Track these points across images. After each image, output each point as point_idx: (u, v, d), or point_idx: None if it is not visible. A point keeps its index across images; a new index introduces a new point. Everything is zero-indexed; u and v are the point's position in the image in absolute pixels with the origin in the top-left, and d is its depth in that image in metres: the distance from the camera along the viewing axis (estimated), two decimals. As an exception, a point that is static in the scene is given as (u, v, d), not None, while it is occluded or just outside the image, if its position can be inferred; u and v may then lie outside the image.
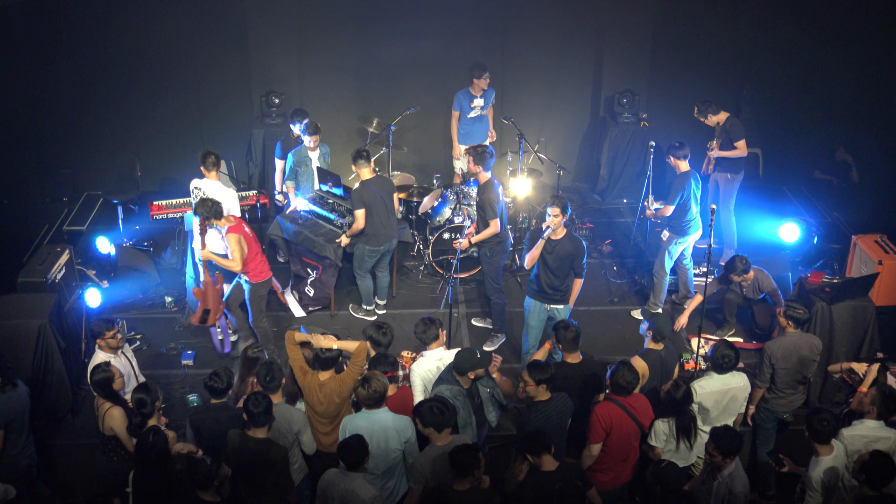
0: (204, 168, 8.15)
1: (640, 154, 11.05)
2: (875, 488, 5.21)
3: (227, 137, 11.08)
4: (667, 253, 8.48)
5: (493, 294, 8.25)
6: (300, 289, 8.87)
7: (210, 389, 5.98)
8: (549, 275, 7.31)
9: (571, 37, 11.12)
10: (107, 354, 6.57)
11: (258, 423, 5.55)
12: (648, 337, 6.56)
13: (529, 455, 5.47)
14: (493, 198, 7.86)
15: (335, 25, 10.90)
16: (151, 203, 9.29)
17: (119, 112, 10.79)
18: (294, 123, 9.24)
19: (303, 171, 9.05)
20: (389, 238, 8.43)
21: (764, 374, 6.72)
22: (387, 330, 6.47)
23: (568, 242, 7.24)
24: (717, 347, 6.39)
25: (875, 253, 8.16)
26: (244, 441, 5.59)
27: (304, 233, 8.67)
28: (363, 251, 8.39)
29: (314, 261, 8.72)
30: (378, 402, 5.71)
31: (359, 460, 5.34)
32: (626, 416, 5.95)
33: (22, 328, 7.22)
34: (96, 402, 6.13)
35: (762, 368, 6.73)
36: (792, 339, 6.68)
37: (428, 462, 5.53)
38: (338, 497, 5.39)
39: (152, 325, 8.64)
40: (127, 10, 10.31)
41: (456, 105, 10.19)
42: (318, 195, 8.95)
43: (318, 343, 6.10)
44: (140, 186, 10.63)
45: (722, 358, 6.31)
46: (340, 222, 8.55)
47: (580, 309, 8.50)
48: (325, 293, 8.75)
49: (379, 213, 8.24)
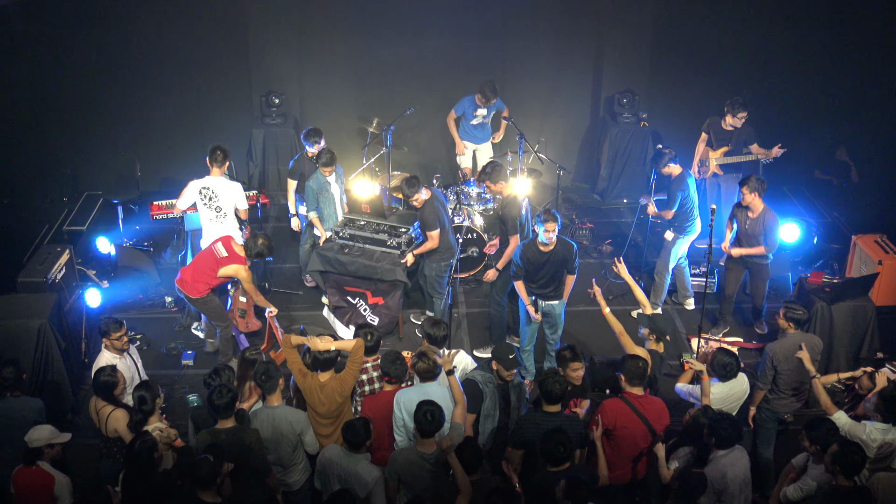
0: (214, 162, 8.04)
1: (640, 154, 11.06)
2: (849, 478, 5.29)
3: (227, 137, 11.00)
4: (671, 252, 8.49)
5: (493, 306, 8.22)
6: (355, 321, 8.28)
7: (207, 387, 6.05)
8: (545, 278, 7.35)
9: (571, 37, 11.12)
10: (112, 355, 6.57)
11: (223, 415, 5.58)
12: (651, 340, 6.53)
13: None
14: (515, 213, 7.81)
15: (335, 25, 10.90)
16: (151, 203, 9.30)
17: (119, 112, 10.80)
18: (308, 145, 8.75)
19: (324, 198, 8.58)
20: (455, 249, 8.28)
21: (766, 376, 6.67)
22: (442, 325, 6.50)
23: (560, 249, 7.26)
24: (715, 357, 6.27)
25: (875, 253, 8.16)
26: (215, 436, 5.58)
27: (359, 262, 8.24)
28: (438, 269, 8.10)
29: (360, 287, 8.36)
30: (433, 375, 5.94)
31: (361, 442, 5.42)
32: (634, 416, 5.84)
33: (22, 328, 7.23)
34: (96, 404, 6.12)
35: (764, 370, 6.67)
36: (793, 340, 6.63)
37: (397, 460, 5.52)
38: (337, 476, 5.45)
39: (152, 325, 8.64)
40: (127, 10, 10.32)
41: (458, 109, 10.20)
42: (349, 219, 8.70)
43: (315, 346, 6.09)
44: (140, 186, 10.64)
45: (723, 368, 6.21)
46: (397, 242, 8.28)
47: (580, 309, 8.51)
48: (393, 317, 8.43)
49: (445, 227, 8.10)
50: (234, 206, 8.13)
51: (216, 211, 8.06)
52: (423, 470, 5.45)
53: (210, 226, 8.11)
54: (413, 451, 5.51)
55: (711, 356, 6.38)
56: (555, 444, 5.35)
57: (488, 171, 7.95)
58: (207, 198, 8.03)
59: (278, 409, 5.88)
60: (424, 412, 5.43)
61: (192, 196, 8.08)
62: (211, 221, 8.09)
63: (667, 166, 8.29)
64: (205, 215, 8.11)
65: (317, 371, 6.08)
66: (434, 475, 5.43)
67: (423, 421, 5.42)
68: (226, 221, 8.11)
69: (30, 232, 9.63)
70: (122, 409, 6.04)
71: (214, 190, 8.03)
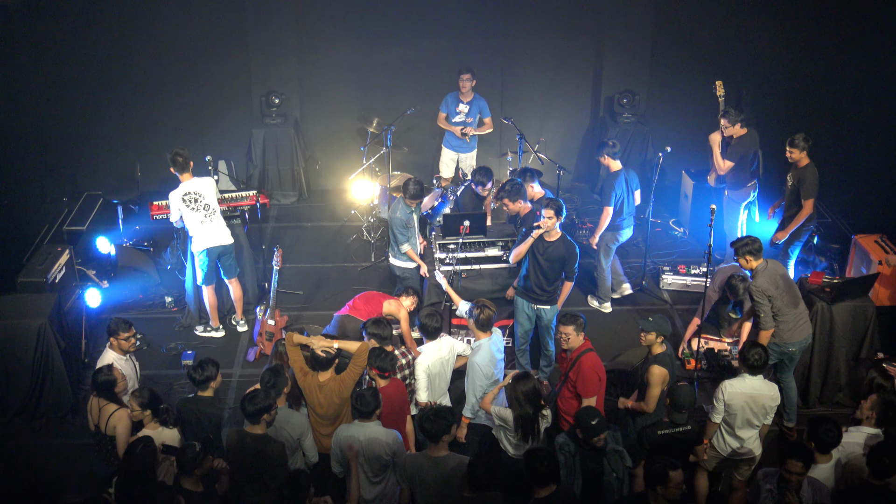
0: (180, 169, 7.93)
1: (640, 154, 11.05)
2: (880, 479, 5.31)
3: (227, 137, 11.10)
4: (602, 251, 8.69)
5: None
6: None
7: (191, 380, 6.09)
8: (539, 276, 7.30)
9: (571, 37, 11.12)
10: (117, 355, 6.56)
11: (252, 420, 5.63)
12: (657, 342, 6.49)
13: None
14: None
15: (335, 25, 10.90)
16: (151, 203, 9.29)
17: (119, 112, 10.80)
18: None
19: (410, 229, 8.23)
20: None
21: (767, 315, 6.82)
22: (437, 317, 6.59)
23: (561, 246, 7.23)
24: (745, 347, 6.20)
25: (875, 253, 8.16)
26: (241, 438, 5.66)
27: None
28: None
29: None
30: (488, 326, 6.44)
31: (372, 410, 5.62)
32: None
33: (22, 328, 7.23)
34: (97, 403, 6.11)
35: (761, 308, 6.82)
36: (767, 267, 6.87)
37: (413, 466, 5.56)
38: (364, 445, 5.60)
39: (152, 325, 8.63)
40: (127, 10, 10.32)
41: (443, 107, 10.23)
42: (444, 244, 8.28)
43: (315, 346, 6.08)
44: (140, 186, 10.63)
45: (753, 356, 6.09)
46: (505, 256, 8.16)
47: (580, 309, 8.50)
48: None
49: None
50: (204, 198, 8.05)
51: (205, 210, 8.00)
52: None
53: (202, 228, 8.02)
54: (423, 457, 5.56)
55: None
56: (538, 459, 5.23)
57: (508, 190, 8.01)
58: (193, 201, 7.96)
59: (279, 411, 5.88)
60: (427, 416, 5.49)
61: (177, 206, 7.94)
62: (202, 223, 8.01)
63: (605, 157, 8.44)
64: (194, 219, 7.98)
65: (316, 371, 6.08)
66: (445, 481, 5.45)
67: (427, 423, 5.49)
68: (215, 218, 8.06)
69: (30, 232, 9.63)
70: (125, 408, 6.04)
71: (196, 191, 7.97)
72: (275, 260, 7.80)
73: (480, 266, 8.32)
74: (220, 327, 8.56)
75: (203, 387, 6.08)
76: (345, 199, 10.88)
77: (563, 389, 6.46)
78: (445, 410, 5.65)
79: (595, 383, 6.26)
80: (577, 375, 6.27)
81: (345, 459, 5.69)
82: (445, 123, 10.30)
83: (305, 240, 10.41)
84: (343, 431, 5.72)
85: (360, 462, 5.66)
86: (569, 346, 6.36)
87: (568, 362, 6.42)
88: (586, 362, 6.26)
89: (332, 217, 10.88)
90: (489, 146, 11.23)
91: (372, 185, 10.27)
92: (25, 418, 7.44)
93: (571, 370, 6.33)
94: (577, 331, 6.31)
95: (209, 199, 8.02)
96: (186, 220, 8.01)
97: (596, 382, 6.27)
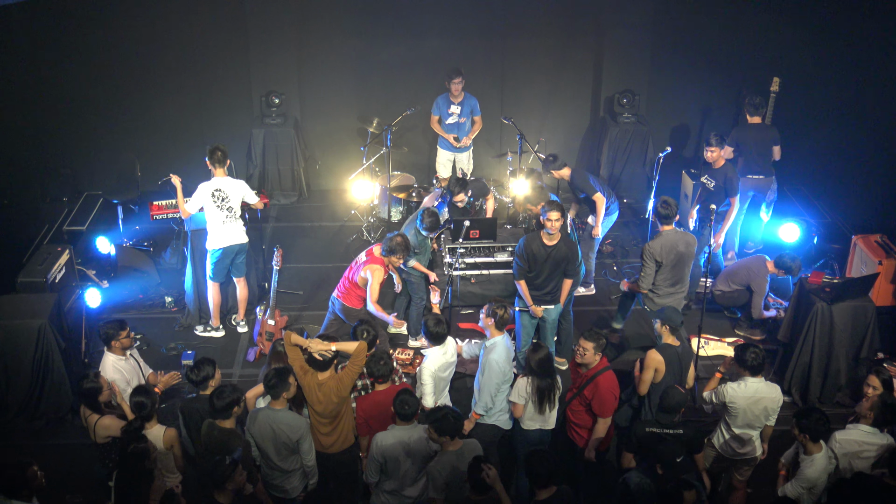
0: (217, 163, 8.02)
1: (640, 154, 11.06)
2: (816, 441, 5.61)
3: (227, 137, 11.00)
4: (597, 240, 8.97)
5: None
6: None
7: (190, 381, 6.11)
8: (542, 276, 7.32)
9: (571, 37, 11.12)
10: (117, 357, 6.56)
11: (221, 416, 5.71)
12: (665, 332, 6.50)
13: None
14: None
15: (335, 25, 10.90)
16: (151, 203, 9.29)
17: (119, 112, 10.80)
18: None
19: (425, 251, 8.26)
20: None
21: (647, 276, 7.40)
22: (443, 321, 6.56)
23: (563, 246, 7.25)
24: (740, 350, 6.16)
25: (875, 253, 8.16)
26: (210, 429, 5.75)
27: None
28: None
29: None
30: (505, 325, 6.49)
31: (414, 411, 5.73)
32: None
33: (22, 328, 7.23)
34: (84, 412, 6.07)
35: (644, 269, 7.38)
36: (670, 237, 7.35)
37: (446, 469, 5.53)
38: (405, 453, 5.68)
39: (152, 325, 8.64)
40: (127, 10, 10.32)
41: (435, 110, 10.22)
42: (459, 258, 8.44)
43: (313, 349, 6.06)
44: (140, 186, 10.63)
45: (751, 356, 6.07)
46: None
47: (579, 309, 8.50)
48: None
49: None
50: (242, 203, 8.14)
51: (228, 211, 8.05)
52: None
53: (222, 227, 8.07)
54: (450, 455, 5.57)
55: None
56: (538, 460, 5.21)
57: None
58: (220, 199, 8.01)
59: (279, 413, 5.86)
60: (444, 416, 5.50)
61: (203, 199, 7.98)
62: (223, 223, 8.05)
63: (552, 173, 8.73)
64: (216, 217, 8.02)
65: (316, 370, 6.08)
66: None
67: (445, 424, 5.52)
68: (236, 221, 8.13)
69: (30, 232, 9.63)
70: (108, 416, 6.01)
71: (226, 191, 8.02)
72: (275, 260, 7.81)
73: (490, 271, 8.57)
74: (221, 327, 8.56)
75: (203, 386, 6.08)
76: (345, 199, 10.88)
77: (575, 401, 6.42)
78: (456, 413, 5.61)
79: (611, 404, 6.28)
80: (594, 395, 6.23)
81: (386, 466, 5.69)
82: (438, 127, 10.29)
83: (305, 240, 10.41)
84: (386, 439, 5.69)
85: (408, 464, 5.73)
86: (584, 362, 6.32)
87: (583, 378, 6.36)
88: (604, 384, 6.22)
89: (332, 217, 10.88)
90: (489, 146, 11.24)
91: (372, 185, 10.27)
92: (25, 418, 7.44)
93: (587, 388, 6.29)
94: (597, 350, 6.29)
95: (234, 201, 8.06)
96: (208, 216, 8.05)
97: (612, 403, 6.28)
